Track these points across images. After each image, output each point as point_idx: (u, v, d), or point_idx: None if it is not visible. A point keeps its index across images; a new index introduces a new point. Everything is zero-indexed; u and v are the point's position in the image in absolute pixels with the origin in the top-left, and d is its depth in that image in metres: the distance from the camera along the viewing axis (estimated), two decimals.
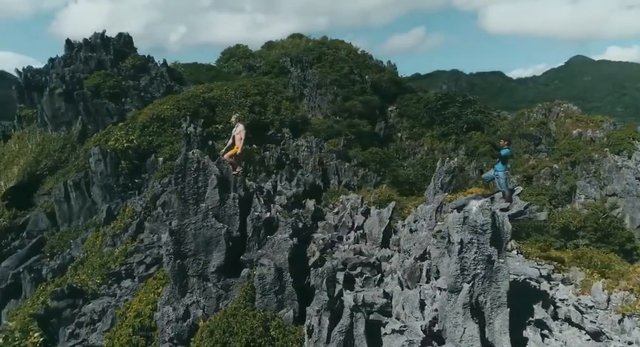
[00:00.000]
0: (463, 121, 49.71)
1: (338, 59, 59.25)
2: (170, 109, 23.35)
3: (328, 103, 49.78)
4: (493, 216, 8.68)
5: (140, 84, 30.16)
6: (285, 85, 50.46)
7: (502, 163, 11.20)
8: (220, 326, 8.72)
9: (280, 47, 64.60)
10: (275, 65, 56.42)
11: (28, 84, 29.13)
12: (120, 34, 34.44)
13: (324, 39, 71.30)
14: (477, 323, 8.41)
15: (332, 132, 34.66)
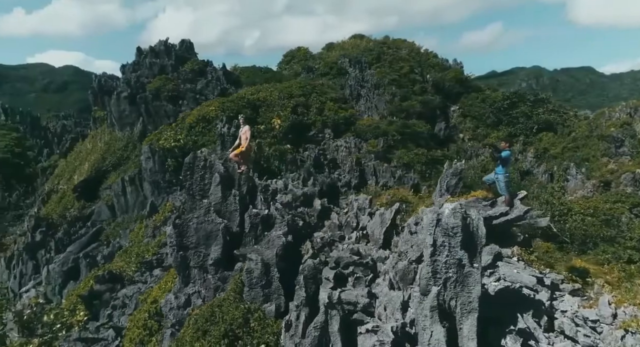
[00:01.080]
0: (533, 121, 46.74)
1: (398, 59, 58.63)
2: (215, 111, 24.83)
3: (385, 103, 49.44)
4: (465, 219, 8.47)
5: (196, 87, 32.26)
6: (342, 86, 50.99)
7: (502, 165, 10.73)
8: (205, 314, 9.40)
9: (340, 48, 65.22)
10: (333, 66, 57.09)
11: (101, 88, 32.44)
12: (183, 41, 37.08)
13: (386, 38, 70.75)
14: (445, 327, 8.30)
15: (378, 133, 34.51)
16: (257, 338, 9.16)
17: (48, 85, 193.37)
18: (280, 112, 26.76)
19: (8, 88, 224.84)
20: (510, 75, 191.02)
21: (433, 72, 57.07)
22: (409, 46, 66.74)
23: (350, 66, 57.95)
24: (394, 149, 34.56)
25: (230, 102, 25.93)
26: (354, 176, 25.40)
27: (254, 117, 26.21)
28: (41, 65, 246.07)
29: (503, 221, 10.79)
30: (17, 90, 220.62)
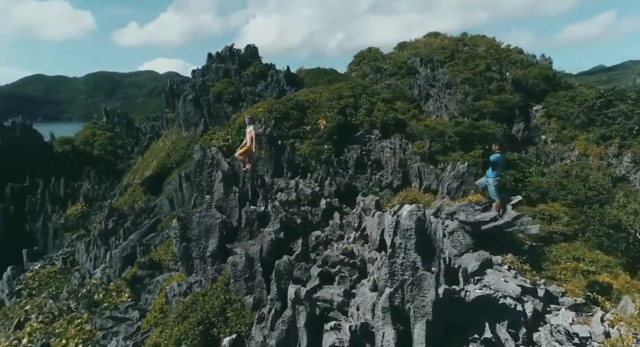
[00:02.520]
0: (634, 122, 41.85)
1: (474, 56, 56.12)
2: (263, 112, 25.98)
3: (456, 103, 47.68)
4: (421, 222, 8.24)
5: (255, 90, 33.94)
6: (411, 85, 50.08)
7: (493, 169, 10.11)
8: (188, 302, 10.19)
9: (413, 47, 63.90)
10: (402, 66, 56.22)
11: (172, 92, 35.52)
12: (248, 46, 39.17)
13: (463, 35, 67.96)
14: (397, 330, 8.20)
15: (434, 134, 33.39)
16: (230, 327, 9.72)
17: (153, 90, 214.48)
18: (327, 113, 27.18)
19: (121, 93, 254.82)
20: (622, 70, 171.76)
21: (514, 69, 53.65)
22: (487, 43, 63.42)
23: (421, 65, 56.66)
24: (451, 151, 33.28)
25: (279, 103, 26.95)
26: (396, 178, 25.03)
27: (300, 118, 26.97)
28: (148, 73, 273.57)
29: (492, 226, 10.16)
30: (129, 95, 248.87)
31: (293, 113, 26.77)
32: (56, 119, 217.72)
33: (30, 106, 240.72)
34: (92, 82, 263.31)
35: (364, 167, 25.28)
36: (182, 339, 9.33)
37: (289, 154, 20.12)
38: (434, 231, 8.43)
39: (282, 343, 9.50)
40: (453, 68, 52.57)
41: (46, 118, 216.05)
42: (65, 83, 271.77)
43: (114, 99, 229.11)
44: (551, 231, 26.62)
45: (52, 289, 18.12)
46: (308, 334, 9.49)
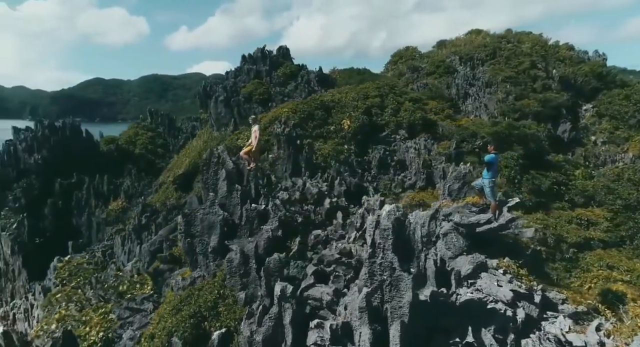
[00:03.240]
0: None
1: (518, 53, 53.91)
2: (287, 112, 26.31)
3: (496, 102, 46.10)
4: (400, 222, 8.15)
5: (285, 90, 34.41)
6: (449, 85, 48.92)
7: (488, 170, 9.73)
8: (183, 296, 10.57)
9: (452, 46, 62.27)
10: (440, 65, 54.94)
11: (206, 93, 36.69)
12: (280, 47, 39.76)
13: (507, 32, 65.43)
14: (372, 329, 8.20)
15: (466, 134, 32.40)
16: (221, 322, 9.99)
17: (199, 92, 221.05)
18: (351, 113, 27.11)
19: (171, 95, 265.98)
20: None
21: (562, 66, 51.08)
22: (533, 39, 60.72)
23: (460, 64, 55.16)
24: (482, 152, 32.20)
25: (303, 103, 27.18)
26: (420, 179, 24.55)
27: (325, 118, 27.07)
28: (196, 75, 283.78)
29: (486, 229, 9.79)
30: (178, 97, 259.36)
31: (318, 113, 26.92)
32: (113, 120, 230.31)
33: (89, 108, 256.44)
34: (145, 85, 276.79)
35: (387, 167, 25.01)
36: (174, 331, 9.71)
37: (306, 153, 20.27)
38: (412, 231, 8.31)
39: (268, 339, 9.68)
40: (494, 66, 50.73)
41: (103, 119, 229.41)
42: (120, 86, 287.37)
43: (164, 100, 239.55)
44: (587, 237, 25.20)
45: (80, 279, 19.32)
46: (293, 331, 9.61)
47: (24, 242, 37.09)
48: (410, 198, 14.20)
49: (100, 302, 18.06)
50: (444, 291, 9.36)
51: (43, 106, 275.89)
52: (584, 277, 20.39)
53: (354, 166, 21.76)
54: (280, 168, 20.76)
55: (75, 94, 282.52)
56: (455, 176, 12.58)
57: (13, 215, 38.08)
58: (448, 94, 46.76)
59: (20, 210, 37.94)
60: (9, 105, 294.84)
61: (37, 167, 39.44)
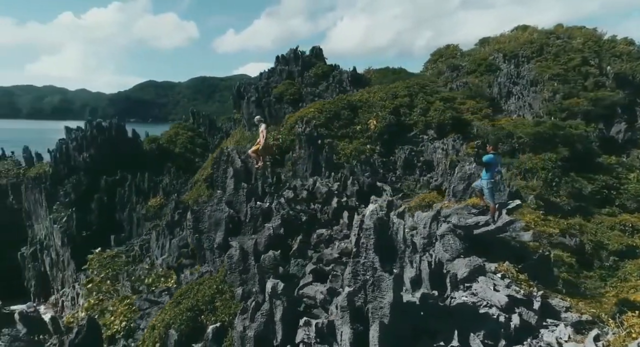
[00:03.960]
0: None
1: (568, 50, 51.21)
2: (313, 112, 26.44)
3: (542, 101, 44.11)
4: (382, 222, 8.04)
5: (316, 91, 34.58)
6: (490, 83, 47.32)
7: (486, 171, 9.34)
8: (184, 289, 10.94)
9: (496, 43, 60.04)
10: (482, 63, 53.15)
11: (239, 93, 37.56)
12: (313, 48, 39.98)
13: (557, 27, 62.24)
14: (353, 329, 8.17)
15: (502, 134, 31.15)
16: (217, 316, 10.25)
17: None
18: (378, 113, 26.83)
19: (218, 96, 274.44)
20: None
21: (619, 62, 48.02)
22: (585, 34, 57.40)
23: (504, 61, 53.14)
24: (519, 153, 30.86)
25: (330, 103, 27.20)
26: (446, 180, 23.89)
27: (351, 117, 26.95)
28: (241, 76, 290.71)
29: (484, 231, 9.41)
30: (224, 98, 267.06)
31: (344, 113, 26.86)
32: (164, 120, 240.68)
33: (143, 109, 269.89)
34: (193, 86, 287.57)
35: (413, 168, 24.55)
36: (172, 323, 10.07)
37: (326, 153, 20.30)
38: (395, 231, 8.16)
39: (260, 335, 9.83)
40: (541, 64, 48.45)
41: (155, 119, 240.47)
42: (171, 87, 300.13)
43: (211, 101, 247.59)
44: (631, 244, 23.58)
45: (109, 271, 20.41)
46: (284, 328, 9.71)
47: (73, 235, 39.60)
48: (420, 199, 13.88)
49: (129, 293, 19.00)
50: (435, 293, 9.12)
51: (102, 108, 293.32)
52: (620, 286, 19.07)
53: (375, 166, 21.53)
54: (301, 168, 20.91)
55: (130, 95, 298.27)
56: (460, 176, 12.17)
57: (63, 209, 40.74)
58: (489, 93, 45.16)
59: (69, 204, 40.52)
60: (72, 106, 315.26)
61: (86, 164, 41.97)
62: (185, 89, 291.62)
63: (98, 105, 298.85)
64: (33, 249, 43.43)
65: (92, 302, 18.12)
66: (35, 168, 45.57)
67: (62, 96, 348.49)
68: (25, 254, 43.49)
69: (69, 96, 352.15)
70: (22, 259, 43.85)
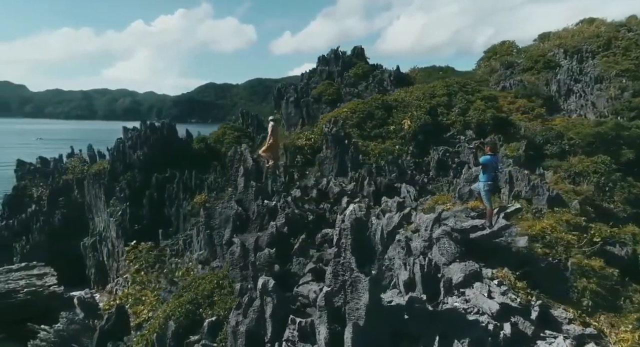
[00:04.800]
0: None
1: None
2: (346, 112, 26.32)
3: (607, 100, 41.13)
4: (360, 222, 7.91)
5: (355, 91, 34.39)
6: (548, 81, 44.77)
7: (483, 172, 8.80)
8: (187, 282, 11.33)
9: (557, 38, 56.49)
10: (539, 59, 50.30)
11: (280, 94, 38.22)
12: (355, 48, 39.79)
13: (630, 18, 57.54)
14: (329, 329, 8.13)
15: (551, 135, 29.22)
16: (214, 310, 10.53)
17: None
18: (413, 113, 26.20)
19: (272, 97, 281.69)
20: None
21: None
22: None
23: (565, 58, 50.01)
24: (569, 155, 28.83)
25: (363, 103, 26.93)
26: None
27: (385, 117, 26.53)
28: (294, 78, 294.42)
29: (479, 235, 8.91)
30: None
31: (377, 113, 26.50)
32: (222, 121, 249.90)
33: (203, 110, 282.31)
34: (250, 88, 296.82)
35: (447, 169, 23.73)
36: (171, 316, 10.48)
37: (352, 153, 20.16)
38: (374, 232, 7.99)
39: (251, 331, 9.99)
40: (607, 59, 45.02)
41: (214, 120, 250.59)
42: (229, 89, 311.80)
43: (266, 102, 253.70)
44: None
45: (142, 262, 21.57)
46: (273, 325, 9.80)
47: (126, 228, 42.25)
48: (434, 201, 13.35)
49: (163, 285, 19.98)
50: (423, 297, 8.81)
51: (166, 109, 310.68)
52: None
53: (403, 167, 21.03)
54: (328, 167, 20.92)
55: (192, 97, 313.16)
56: (466, 178, 11.58)
57: (119, 204, 43.56)
58: (546, 91, 42.66)
59: (124, 199, 43.24)
60: (141, 108, 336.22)
61: (139, 162, 44.60)
62: (242, 90, 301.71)
63: (163, 107, 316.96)
64: (93, 240, 46.79)
65: (126, 292, 19.25)
66: (96, 165, 49.15)
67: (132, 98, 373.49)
68: (87, 244, 46.92)
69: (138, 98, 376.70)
70: (83, 249, 47.36)
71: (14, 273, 45.78)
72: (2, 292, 42.58)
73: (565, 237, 11.44)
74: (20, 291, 42.25)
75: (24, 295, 41.94)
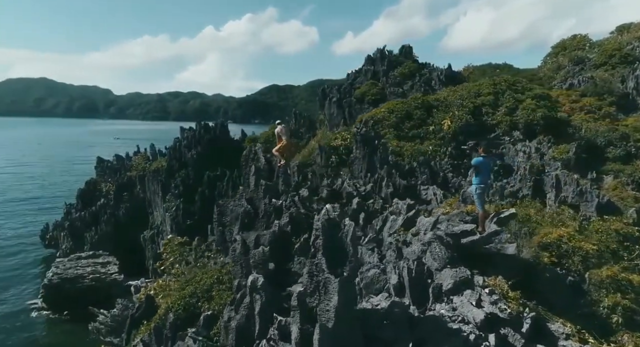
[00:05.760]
0: None
1: None
2: (384, 112, 25.72)
3: None
4: (331, 222, 7.70)
5: (399, 90, 33.58)
6: (624, 78, 41.13)
7: (476, 175, 8.12)
8: (190, 276, 11.66)
9: (638, 29, 51.51)
10: (615, 53, 46.24)
11: (324, 94, 38.25)
12: (403, 46, 38.82)
13: None
14: (300, 329, 8.07)
15: (614, 137, 26.56)
16: (211, 305, 10.74)
17: None
18: (455, 112, 25.05)
19: None
20: None
21: None
22: None
23: None
24: (635, 158, 26.07)
25: (402, 103, 26.17)
26: (525, 186, 21.33)
27: (424, 118, 25.62)
28: None
29: (469, 241, 8.27)
30: None
31: (416, 113, 25.67)
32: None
33: (266, 111, 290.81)
34: (310, 89, 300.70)
35: None
36: (171, 308, 10.83)
37: (380, 154, 19.68)
38: (346, 233, 7.74)
39: (241, 326, 10.11)
40: None
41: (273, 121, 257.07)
42: (291, 90, 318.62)
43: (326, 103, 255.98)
44: None
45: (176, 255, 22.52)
46: (261, 322, 9.84)
47: (179, 223, 44.50)
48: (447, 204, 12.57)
49: None
50: (406, 302, 8.39)
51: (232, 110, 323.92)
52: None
53: (435, 168, 20.15)
54: (357, 168, 20.61)
55: (256, 99, 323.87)
56: (470, 181, 10.78)
57: (173, 199, 45.97)
58: (621, 88, 39.07)
59: (178, 195, 45.56)
60: (209, 109, 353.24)
61: (193, 160, 46.80)
62: (303, 91, 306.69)
63: (229, 108, 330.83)
64: (151, 233, 49.81)
65: (160, 283, 20.20)
66: (156, 163, 52.27)
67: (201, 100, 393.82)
68: (146, 236, 50.06)
69: (206, 100, 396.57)
70: (143, 241, 50.57)
71: (82, 260, 49.46)
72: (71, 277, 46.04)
73: (585, 246, 10.32)
74: (86, 277, 45.58)
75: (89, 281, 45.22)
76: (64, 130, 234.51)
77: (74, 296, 39.38)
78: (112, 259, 46.10)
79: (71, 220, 54.95)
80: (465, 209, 10.18)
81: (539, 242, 9.68)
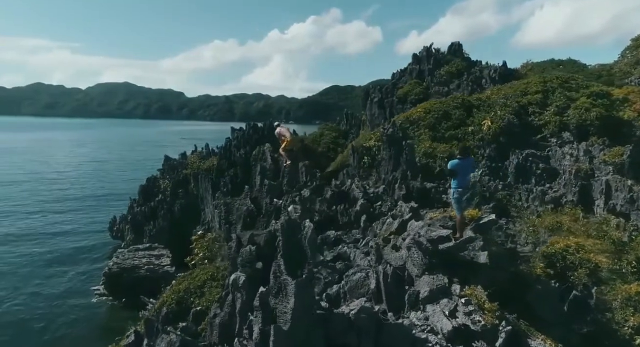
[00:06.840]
0: None
1: None
2: (419, 112, 24.68)
3: None
4: (291, 224, 7.47)
5: (444, 89, 32.18)
6: None
7: (453, 178, 7.40)
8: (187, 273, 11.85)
9: None
10: None
11: (367, 95, 37.63)
12: (452, 44, 37.12)
13: None
14: (261, 330, 7.94)
15: None
16: (201, 301, 10.84)
17: None
18: (497, 112, 23.50)
19: None
20: None
21: None
22: None
23: None
24: None
25: (440, 103, 24.98)
26: (570, 191, 19.52)
27: (463, 118, 24.29)
28: None
29: (446, 247, 7.57)
30: None
31: (455, 113, 24.41)
32: None
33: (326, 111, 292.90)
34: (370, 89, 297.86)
35: (529, 176, 20.85)
36: (166, 303, 11.08)
37: (406, 155, 18.89)
38: (305, 236, 7.46)
39: (224, 323, 10.11)
40: None
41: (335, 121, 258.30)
42: (351, 91, 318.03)
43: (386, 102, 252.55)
44: None
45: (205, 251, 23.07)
46: (240, 320, 9.74)
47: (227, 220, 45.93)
48: None
49: None
50: (375, 308, 7.91)
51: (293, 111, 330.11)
52: None
53: None
54: (383, 169, 19.98)
55: (316, 100, 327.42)
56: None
57: (222, 197, 47.55)
58: None
59: (227, 194, 47.04)
60: (271, 110, 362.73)
61: (241, 160, 48.04)
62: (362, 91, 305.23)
63: (291, 109, 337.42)
64: (202, 229, 51.93)
65: None
66: (208, 161, 54.31)
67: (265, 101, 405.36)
68: (197, 232, 52.28)
69: (270, 101, 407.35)
70: None
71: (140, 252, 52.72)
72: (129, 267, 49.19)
73: (595, 259, 9.10)
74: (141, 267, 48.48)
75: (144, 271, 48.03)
76: (142, 130, 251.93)
77: (130, 284, 42.08)
78: (166, 252, 48.54)
79: (133, 214, 58.74)
80: (450, 213, 9.38)
81: (543, 252, 8.69)
